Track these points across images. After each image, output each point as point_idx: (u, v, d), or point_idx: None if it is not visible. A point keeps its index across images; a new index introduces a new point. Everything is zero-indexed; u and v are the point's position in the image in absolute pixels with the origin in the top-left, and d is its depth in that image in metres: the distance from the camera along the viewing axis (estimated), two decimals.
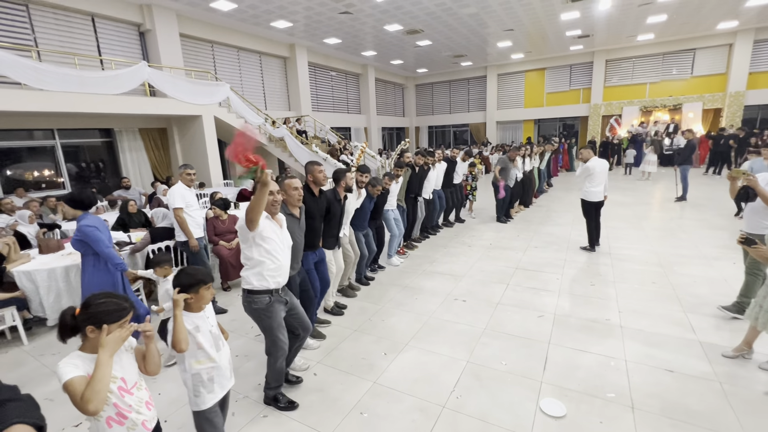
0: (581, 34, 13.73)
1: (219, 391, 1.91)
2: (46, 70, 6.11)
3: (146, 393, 1.54)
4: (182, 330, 1.74)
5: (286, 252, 2.46)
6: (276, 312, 2.41)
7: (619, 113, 16.60)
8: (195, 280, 1.81)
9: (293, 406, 2.55)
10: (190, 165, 4.04)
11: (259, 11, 9.81)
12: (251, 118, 10.05)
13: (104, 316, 1.35)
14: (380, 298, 4.26)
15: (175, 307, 1.76)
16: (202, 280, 1.83)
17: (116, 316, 1.37)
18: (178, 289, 1.79)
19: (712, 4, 11.04)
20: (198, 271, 1.87)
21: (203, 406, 1.88)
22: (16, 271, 3.74)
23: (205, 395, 1.87)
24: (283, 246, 2.43)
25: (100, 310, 1.35)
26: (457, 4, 9.99)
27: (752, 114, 14.82)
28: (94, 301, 1.37)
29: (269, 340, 2.46)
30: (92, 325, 1.35)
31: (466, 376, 2.79)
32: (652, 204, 8.40)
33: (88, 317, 1.35)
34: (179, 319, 1.74)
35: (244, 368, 3.03)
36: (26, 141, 7.99)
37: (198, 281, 1.82)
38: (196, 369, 1.84)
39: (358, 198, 4.21)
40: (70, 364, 1.32)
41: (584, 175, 5.38)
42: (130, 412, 1.43)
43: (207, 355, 1.85)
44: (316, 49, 14.04)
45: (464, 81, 20.42)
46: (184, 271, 1.86)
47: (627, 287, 4.18)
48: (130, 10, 8.77)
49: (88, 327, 1.35)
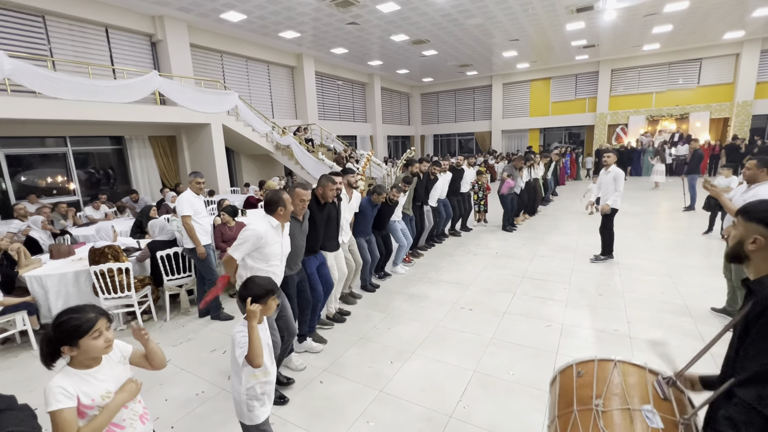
0: (587, 44, 13.78)
1: (269, 404, 1.89)
2: (60, 79, 6.26)
3: (140, 406, 1.48)
4: (259, 344, 1.67)
5: (282, 259, 2.57)
6: None
7: (626, 122, 16.57)
8: (265, 291, 1.78)
9: (283, 401, 2.63)
10: (200, 173, 4.10)
11: (268, 22, 9.99)
12: (259, 126, 10.18)
13: (72, 332, 1.28)
14: (386, 306, 4.25)
15: (250, 318, 1.70)
16: (272, 290, 1.80)
17: (84, 331, 1.29)
18: (250, 299, 1.73)
19: (718, 14, 11.06)
20: (266, 280, 1.84)
21: (257, 420, 1.84)
22: (27, 276, 3.80)
23: (259, 409, 1.84)
24: (281, 253, 2.53)
25: (64, 329, 1.28)
26: (463, 14, 10.11)
27: (760, 123, 14.72)
28: (57, 321, 1.30)
29: None
30: (66, 345, 1.29)
31: (473, 386, 2.77)
32: (660, 214, 8.33)
33: (58, 339, 1.29)
34: (255, 333, 1.67)
35: None
36: (39, 148, 8.16)
37: (268, 291, 1.78)
38: (251, 383, 1.78)
39: (350, 201, 4.18)
40: (60, 390, 1.25)
41: (620, 182, 5.09)
42: (123, 428, 1.38)
43: (264, 368, 1.80)
44: (323, 59, 14.24)
45: (470, 90, 20.53)
46: (253, 281, 1.82)
47: (635, 297, 4.13)
48: (143, 22, 8.98)
49: (63, 348, 1.29)
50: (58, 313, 1.34)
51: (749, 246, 1.12)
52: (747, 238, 1.13)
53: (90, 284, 3.87)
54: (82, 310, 1.32)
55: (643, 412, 1.12)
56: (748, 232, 1.13)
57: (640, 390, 1.19)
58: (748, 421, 0.93)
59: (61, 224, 6.15)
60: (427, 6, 9.34)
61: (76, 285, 3.90)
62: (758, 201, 1.18)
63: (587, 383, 1.25)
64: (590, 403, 1.19)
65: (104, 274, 3.70)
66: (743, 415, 0.93)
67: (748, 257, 1.14)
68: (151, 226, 4.51)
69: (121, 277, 3.76)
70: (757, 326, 1.01)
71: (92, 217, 6.88)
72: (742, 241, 1.15)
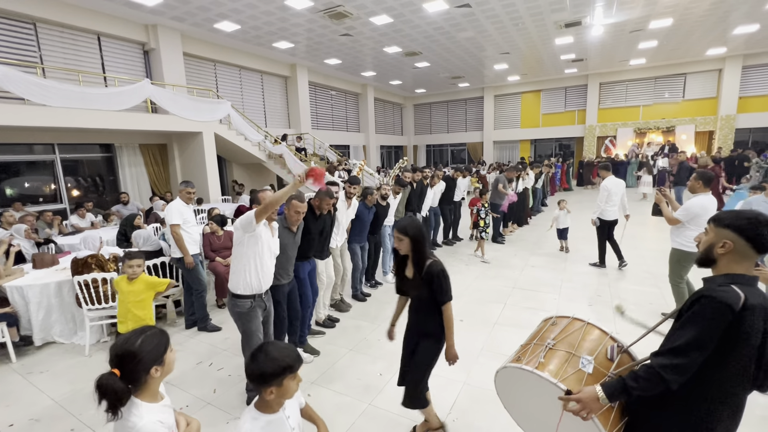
0: (575, 57, 14.11)
1: None
2: (49, 86, 6.20)
3: None
4: None
5: (272, 258, 2.62)
6: (255, 316, 2.58)
7: (614, 134, 16.91)
8: (280, 368, 1.28)
9: None
10: (191, 183, 4.07)
11: (262, 32, 10.06)
12: (251, 135, 10.17)
13: (158, 349, 1.23)
14: (376, 317, 4.21)
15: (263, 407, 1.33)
16: (290, 366, 1.29)
17: (166, 342, 1.25)
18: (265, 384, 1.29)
19: (700, 31, 11.42)
20: (284, 351, 1.32)
21: None
22: (8, 286, 3.70)
23: None
24: (270, 251, 2.58)
25: (149, 348, 1.21)
26: (455, 28, 10.29)
27: (743, 137, 15.13)
28: (134, 343, 1.20)
29: (247, 341, 2.59)
30: (155, 365, 1.22)
31: (463, 398, 2.74)
32: (648, 224, 8.45)
33: (144, 362, 1.20)
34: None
35: (239, 387, 2.97)
36: (25, 155, 8.03)
37: (285, 369, 1.28)
38: None
39: (348, 208, 4.25)
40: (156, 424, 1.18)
41: (604, 196, 5.33)
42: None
43: None
44: (317, 69, 14.34)
45: (462, 101, 20.81)
46: (267, 353, 1.30)
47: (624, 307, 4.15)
48: (136, 30, 8.98)
49: (151, 370, 1.21)
50: (122, 344, 1.22)
51: (718, 249, 1.26)
52: (717, 243, 1.27)
53: (73, 295, 3.78)
54: (144, 331, 1.27)
55: (581, 359, 1.39)
56: (718, 237, 1.27)
57: (592, 346, 1.46)
58: (646, 378, 1.18)
59: (45, 233, 6.02)
60: (420, 19, 9.50)
61: (58, 296, 3.81)
62: (728, 210, 1.35)
63: (554, 329, 1.61)
64: (546, 340, 1.53)
65: (88, 285, 3.62)
66: (645, 374, 1.19)
67: (715, 261, 1.28)
68: (135, 237, 4.41)
69: (105, 288, 3.68)
70: (684, 315, 1.22)
71: (78, 225, 6.75)
72: (712, 245, 1.29)
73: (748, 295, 1.14)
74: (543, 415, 1.47)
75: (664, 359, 1.18)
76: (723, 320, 1.12)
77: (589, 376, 1.35)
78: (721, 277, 1.25)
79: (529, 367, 1.43)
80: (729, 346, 1.14)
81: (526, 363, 1.47)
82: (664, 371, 1.15)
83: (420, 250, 2.08)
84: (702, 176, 3.52)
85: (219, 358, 3.48)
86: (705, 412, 1.20)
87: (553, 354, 1.46)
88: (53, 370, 3.40)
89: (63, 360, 3.56)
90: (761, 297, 1.17)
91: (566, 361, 1.41)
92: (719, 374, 1.17)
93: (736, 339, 1.13)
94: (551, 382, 1.35)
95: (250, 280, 2.50)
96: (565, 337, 1.52)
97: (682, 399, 1.22)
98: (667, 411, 1.25)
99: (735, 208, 3.00)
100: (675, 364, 1.15)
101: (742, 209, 1.42)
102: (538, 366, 1.42)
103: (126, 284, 3.00)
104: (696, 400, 1.21)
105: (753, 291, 1.17)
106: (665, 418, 1.26)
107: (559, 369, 1.39)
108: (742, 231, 1.21)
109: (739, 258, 1.23)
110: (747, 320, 1.12)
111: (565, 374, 1.37)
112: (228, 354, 3.52)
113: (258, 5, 8.28)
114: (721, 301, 1.13)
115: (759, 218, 1.21)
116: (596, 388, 1.26)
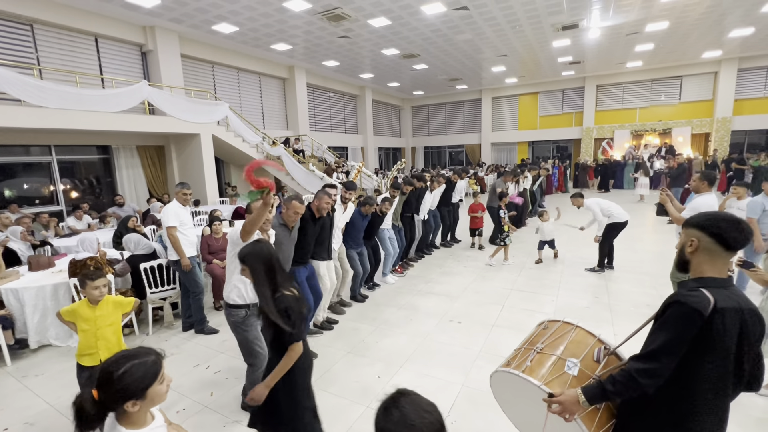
0: (572, 60, 14.17)
1: None
2: (46, 87, 6.18)
3: None
4: None
5: None
6: (251, 325, 2.53)
7: (611, 136, 16.98)
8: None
9: None
10: (188, 185, 4.04)
11: (260, 34, 10.07)
12: (249, 137, 10.15)
13: (140, 384, 1.11)
14: (375, 319, 4.20)
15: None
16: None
17: (152, 376, 1.14)
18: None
19: (696, 34, 11.50)
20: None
21: None
22: (3, 289, 3.67)
23: None
24: None
25: (130, 381, 1.09)
26: (453, 30, 10.33)
27: (739, 139, 15.22)
28: (116, 370, 1.10)
29: (245, 350, 2.55)
30: (131, 400, 1.11)
31: (461, 401, 2.73)
32: (645, 226, 8.48)
33: (120, 394, 1.10)
34: None
35: (236, 390, 2.95)
36: (22, 157, 7.99)
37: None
38: None
39: (344, 212, 4.27)
40: None
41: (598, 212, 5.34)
42: None
43: None
44: (315, 71, 14.35)
45: (460, 103, 20.86)
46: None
47: (622, 310, 4.16)
48: (133, 32, 8.96)
49: (127, 404, 1.11)
50: (107, 366, 1.12)
51: (688, 250, 1.30)
52: (686, 243, 1.31)
53: (69, 297, 3.75)
54: (143, 352, 1.16)
55: (567, 362, 1.44)
56: (687, 237, 1.32)
57: (579, 348, 1.50)
58: (622, 381, 1.21)
59: (42, 235, 5.99)
60: (418, 21, 9.53)
61: (54, 298, 3.78)
62: (697, 213, 1.38)
63: (545, 333, 1.65)
64: (536, 345, 1.58)
65: None
66: (621, 377, 1.22)
67: (688, 262, 1.32)
68: (126, 241, 4.29)
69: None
70: (659, 319, 1.25)
71: (74, 227, 6.72)
72: (683, 246, 1.33)
73: (718, 299, 1.15)
74: (533, 417, 1.52)
75: (638, 363, 1.21)
76: (692, 325, 1.14)
77: (573, 378, 1.40)
78: (693, 282, 1.27)
79: (516, 371, 1.49)
80: (702, 349, 1.16)
81: (514, 367, 1.52)
82: (638, 375, 1.18)
83: (259, 281, 1.83)
84: (706, 176, 3.61)
85: (216, 361, 3.46)
86: (688, 418, 1.20)
87: (541, 358, 1.52)
88: (48, 373, 3.38)
89: (58, 363, 3.53)
90: (736, 299, 1.18)
91: (553, 364, 1.47)
92: (698, 377, 1.18)
93: (709, 342, 1.15)
94: (536, 385, 1.41)
95: (244, 289, 2.47)
96: (554, 341, 1.58)
97: (665, 403, 1.23)
98: (650, 415, 1.27)
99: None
100: (647, 369, 1.18)
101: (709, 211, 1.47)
102: (525, 370, 1.48)
103: (89, 310, 2.43)
104: (678, 403, 1.22)
105: (725, 293, 1.18)
106: (649, 423, 1.27)
107: (545, 372, 1.45)
108: (704, 227, 1.26)
109: (709, 258, 1.26)
110: (717, 324, 1.13)
111: (551, 377, 1.41)
112: (225, 357, 3.50)
113: (256, 7, 8.29)
114: (690, 306, 1.15)
115: (719, 215, 1.28)
116: (577, 391, 1.29)
